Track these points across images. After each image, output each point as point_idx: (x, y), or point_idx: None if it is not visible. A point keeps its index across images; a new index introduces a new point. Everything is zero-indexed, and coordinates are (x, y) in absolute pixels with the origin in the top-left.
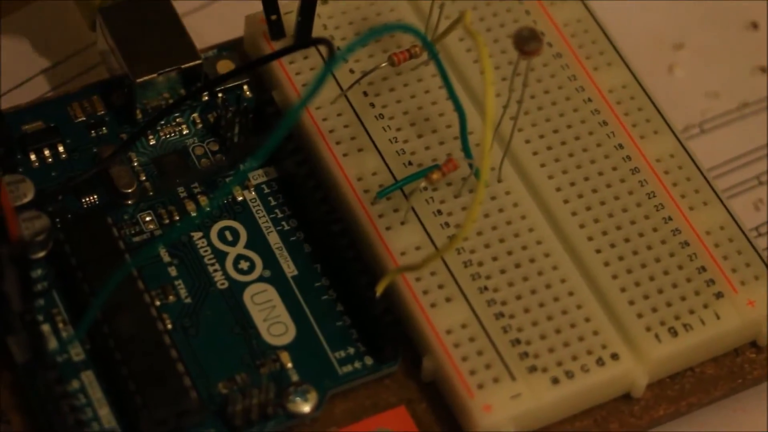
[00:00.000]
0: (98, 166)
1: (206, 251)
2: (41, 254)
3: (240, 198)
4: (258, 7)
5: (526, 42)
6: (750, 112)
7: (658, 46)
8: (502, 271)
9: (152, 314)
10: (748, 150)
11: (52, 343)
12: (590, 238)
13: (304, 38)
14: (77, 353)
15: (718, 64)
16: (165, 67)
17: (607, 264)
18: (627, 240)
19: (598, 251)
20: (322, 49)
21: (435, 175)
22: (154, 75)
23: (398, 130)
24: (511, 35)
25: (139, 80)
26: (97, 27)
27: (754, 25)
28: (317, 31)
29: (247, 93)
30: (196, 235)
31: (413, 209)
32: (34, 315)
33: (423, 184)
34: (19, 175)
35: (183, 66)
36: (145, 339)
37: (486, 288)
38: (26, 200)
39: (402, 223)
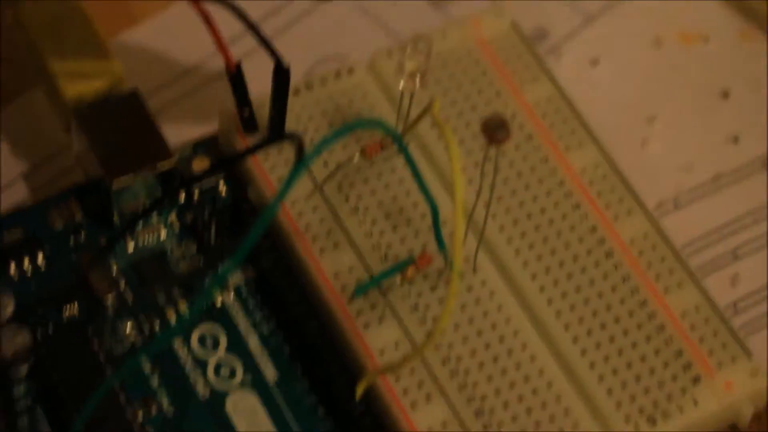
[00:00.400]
0: (78, 272)
1: (187, 360)
2: (23, 371)
3: (219, 301)
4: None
5: (495, 130)
6: (724, 184)
7: (631, 119)
8: (481, 366)
9: (135, 430)
10: (723, 223)
11: None
12: (567, 327)
13: (276, 133)
14: None
15: (691, 135)
16: (140, 167)
17: (584, 353)
18: (603, 326)
19: (575, 340)
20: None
21: (410, 272)
22: (129, 176)
23: (373, 223)
24: (480, 125)
25: (115, 186)
26: (72, 129)
27: (725, 94)
28: (291, 123)
29: (223, 193)
30: (177, 342)
31: (390, 305)
32: None
33: (399, 280)
34: None
35: (157, 165)
36: None
37: (465, 385)
38: (7, 314)
39: (380, 321)
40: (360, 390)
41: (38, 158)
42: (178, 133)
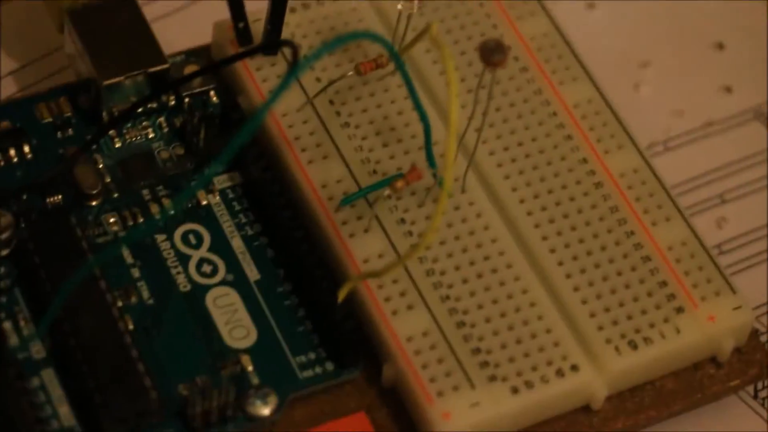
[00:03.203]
0: (63, 164)
1: (169, 254)
2: (4, 252)
3: (204, 202)
4: (227, 13)
5: (492, 53)
6: (714, 131)
7: (624, 63)
8: (464, 281)
9: (114, 314)
10: (712, 168)
11: (13, 341)
12: (552, 251)
13: (271, 41)
14: (37, 351)
15: (683, 83)
16: (132, 69)
17: (569, 276)
18: (589, 253)
19: (560, 263)
20: (288, 53)
21: (399, 184)
22: (121, 78)
23: (363, 138)
24: (477, 47)
25: (106, 82)
26: (65, 29)
27: (720, 46)
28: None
29: (214, 99)
30: (160, 237)
31: (377, 217)
32: None
33: (387, 192)
34: None
35: (150, 70)
36: (107, 338)
37: (448, 297)
38: None
39: (365, 231)
40: (343, 293)
41: (30, 58)
42: (171, 44)
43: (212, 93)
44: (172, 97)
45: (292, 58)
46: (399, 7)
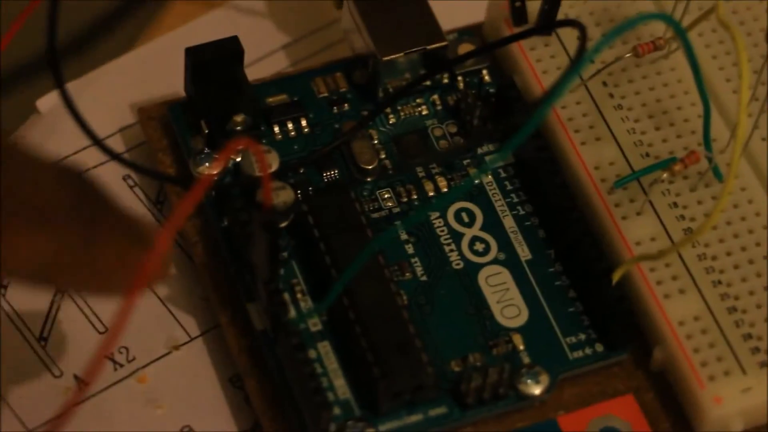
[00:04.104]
0: (342, 138)
1: (443, 231)
2: (283, 225)
3: (477, 181)
4: None
5: None
6: None
7: None
8: (736, 266)
9: (392, 289)
10: None
11: (291, 313)
12: None
13: (548, 22)
14: (314, 324)
15: None
16: (411, 47)
17: None
18: None
19: None
20: (568, 36)
21: (677, 167)
22: (400, 54)
23: (636, 121)
24: (765, 30)
25: (385, 59)
26: (344, 5)
27: None
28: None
29: (486, 77)
30: (434, 215)
31: (649, 200)
32: (277, 284)
33: (664, 175)
34: (265, 146)
35: (428, 47)
36: (386, 313)
37: (719, 282)
38: (271, 171)
39: (638, 214)
40: (617, 275)
41: (301, 33)
42: (443, 21)
43: (485, 72)
44: (446, 75)
45: (581, 40)
46: None
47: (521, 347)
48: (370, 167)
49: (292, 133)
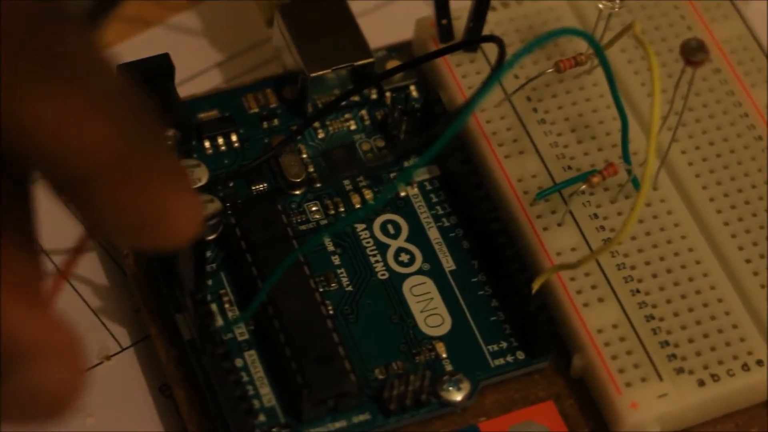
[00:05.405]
0: (270, 152)
1: (369, 243)
2: (212, 237)
3: (403, 193)
4: (427, 10)
5: (694, 52)
6: None
7: None
8: (654, 276)
9: (317, 299)
10: None
11: (218, 322)
12: (741, 248)
13: (473, 38)
14: (242, 333)
15: None
16: (338, 63)
17: (756, 273)
18: None
19: (748, 261)
20: (491, 50)
21: (596, 179)
22: (328, 71)
23: (559, 135)
24: (680, 45)
25: (313, 74)
26: (274, 23)
27: None
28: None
29: (414, 93)
30: (360, 227)
31: (570, 212)
32: (204, 295)
33: (583, 187)
34: (195, 160)
35: (356, 63)
36: (310, 322)
37: (638, 291)
38: (200, 184)
39: (559, 225)
40: (537, 284)
41: (237, 50)
42: (372, 40)
43: (412, 88)
44: (374, 91)
45: (499, 53)
46: (600, 6)
47: (444, 355)
48: (298, 180)
49: (223, 148)
